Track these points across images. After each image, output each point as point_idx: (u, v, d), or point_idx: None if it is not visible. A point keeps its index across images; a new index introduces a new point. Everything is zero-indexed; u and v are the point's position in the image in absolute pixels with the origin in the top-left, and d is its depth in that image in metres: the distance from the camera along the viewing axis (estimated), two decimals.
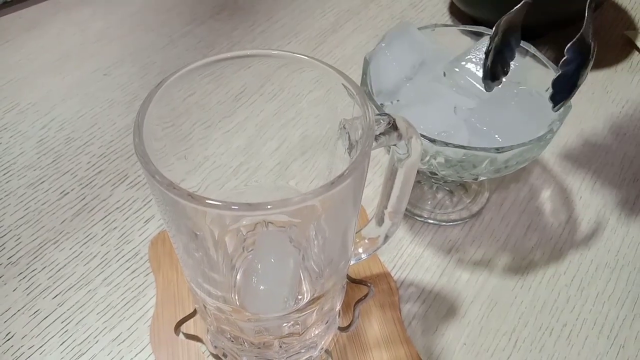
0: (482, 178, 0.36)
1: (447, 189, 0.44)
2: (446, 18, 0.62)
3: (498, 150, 0.33)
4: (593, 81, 0.54)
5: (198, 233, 0.25)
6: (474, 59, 0.39)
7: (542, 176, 0.45)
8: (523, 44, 0.39)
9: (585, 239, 0.41)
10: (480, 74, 0.37)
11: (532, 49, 0.39)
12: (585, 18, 0.33)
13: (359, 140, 0.25)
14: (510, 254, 0.40)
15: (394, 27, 0.40)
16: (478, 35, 0.40)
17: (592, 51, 0.33)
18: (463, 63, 0.39)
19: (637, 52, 0.57)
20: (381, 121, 0.25)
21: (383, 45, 0.39)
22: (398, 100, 0.39)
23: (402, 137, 0.26)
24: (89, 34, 0.58)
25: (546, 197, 0.44)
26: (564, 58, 0.33)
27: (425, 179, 0.44)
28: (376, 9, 0.62)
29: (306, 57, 0.26)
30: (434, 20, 0.60)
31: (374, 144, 0.25)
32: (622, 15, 0.62)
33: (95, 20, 0.60)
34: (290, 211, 0.21)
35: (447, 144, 0.33)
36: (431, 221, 0.42)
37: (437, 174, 0.37)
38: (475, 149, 0.33)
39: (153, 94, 0.24)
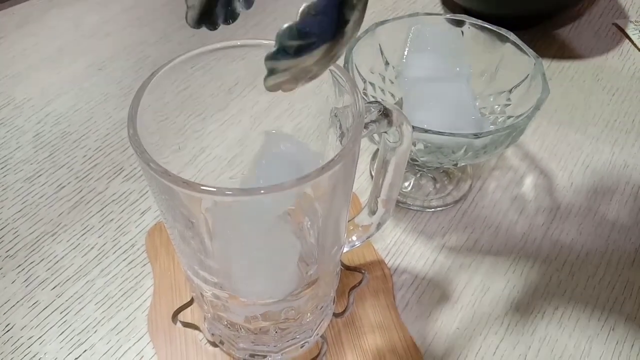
0: (462, 163, 0.37)
1: (430, 175, 0.44)
2: (438, 9, 0.62)
3: (476, 135, 0.34)
4: (584, 69, 0.54)
5: (193, 221, 0.25)
6: (415, 51, 0.41)
7: (534, 163, 0.46)
8: (502, 30, 0.39)
9: (576, 224, 0.42)
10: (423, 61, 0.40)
11: (512, 36, 0.39)
12: None
13: (350, 128, 0.25)
14: (501, 239, 0.41)
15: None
16: (460, 23, 0.41)
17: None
18: (415, 60, 0.41)
19: (627, 41, 0.58)
20: (372, 109, 0.26)
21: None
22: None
23: (393, 124, 0.26)
24: (83, 29, 0.58)
25: (538, 183, 0.44)
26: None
27: (407, 165, 0.44)
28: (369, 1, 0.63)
29: None
30: (427, 11, 0.61)
31: (365, 131, 0.25)
32: (612, 4, 0.62)
33: (89, 15, 0.60)
34: None
35: (426, 131, 0.34)
36: (415, 208, 0.42)
37: (417, 160, 0.37)
38: (453, 134, 0.34)
39: (146, 85, 0.24)
